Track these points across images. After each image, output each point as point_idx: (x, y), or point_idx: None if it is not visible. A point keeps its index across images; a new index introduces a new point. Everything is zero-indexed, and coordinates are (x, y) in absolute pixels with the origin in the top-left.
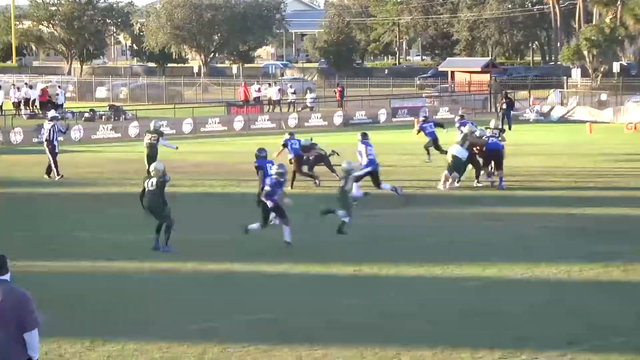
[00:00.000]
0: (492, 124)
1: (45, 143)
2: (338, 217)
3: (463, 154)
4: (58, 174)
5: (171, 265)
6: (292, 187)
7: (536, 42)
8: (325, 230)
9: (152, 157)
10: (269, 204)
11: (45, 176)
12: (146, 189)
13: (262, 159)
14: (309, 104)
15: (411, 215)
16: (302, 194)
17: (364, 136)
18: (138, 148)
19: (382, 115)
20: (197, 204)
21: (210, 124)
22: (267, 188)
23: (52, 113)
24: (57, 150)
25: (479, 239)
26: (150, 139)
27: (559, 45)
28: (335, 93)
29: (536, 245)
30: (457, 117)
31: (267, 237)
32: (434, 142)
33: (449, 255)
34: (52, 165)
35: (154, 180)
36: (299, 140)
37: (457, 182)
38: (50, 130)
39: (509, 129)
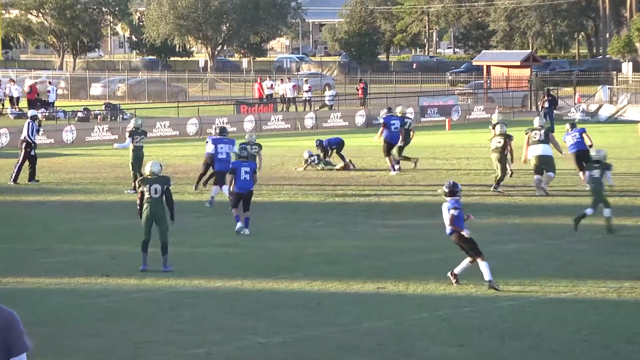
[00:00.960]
0: (536, 123)
1: (20, 142)
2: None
3: (550, 151)
4: (14, 179)
5: (174, 282)
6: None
7: (582, 33)
8: (345, 239)
9: (139, 161)
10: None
11: (29, 182)
12: (146, 196)
13: (239, 160)
14: (327, 102)
15: (433, 225)
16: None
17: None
18: None
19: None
20: (204, 212)
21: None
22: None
23: (31, 112)
24: (33, 153)
25: (517, 252)
26: (138, 141)
27: (607, 36)
28: (357, 90)
29: (582, 260)
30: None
31: (282, 250)
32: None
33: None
34: (16, 167)
35: (158, 186)
36: (400, 119)
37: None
38: (27, 127)
39: (551, 130)
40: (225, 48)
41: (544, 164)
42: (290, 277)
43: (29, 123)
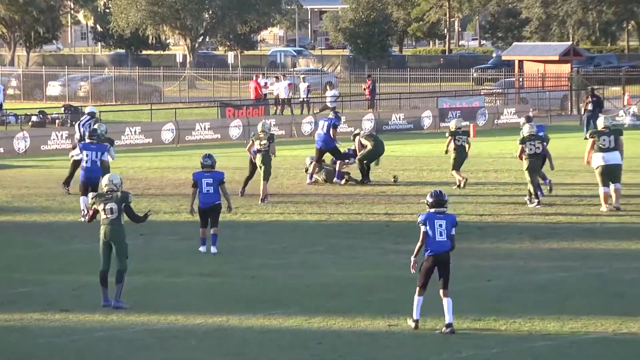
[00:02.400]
0: (601, 123)
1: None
2: None
3: (620, 159)
4: (66, 183)
5: (147, 319)
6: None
7: (632, 22)
8: (351, 268)
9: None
10: None
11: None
12: (102, 216)
13: (202, 170)
14: (329, 104)
15: (471, 250)
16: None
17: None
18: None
19: (427, 119)
20: (182, 235)
21: (199, 131)
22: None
23: (89, 109)
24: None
25: (554, 283)
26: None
27: None
28: (364, 89)
29: (632, 292)
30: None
31: (275, 281)
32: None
33: (515, 304)
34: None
35: (114, 205)
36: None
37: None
38: (81, 126)
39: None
40: (207, 40)
41: (612, 175)
42: (285, 313)
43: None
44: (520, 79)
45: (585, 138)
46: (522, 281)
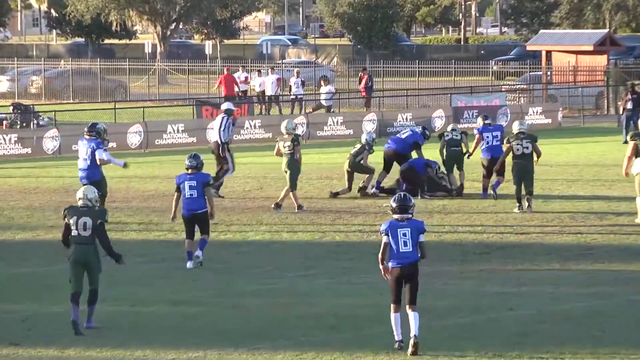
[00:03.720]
0: None
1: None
2: None
3: None
4: (217, 188)
5: (111, 354)
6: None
7: None
8: (348, 295)
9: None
10: None
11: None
12: (73, 233)
13: (186, 172)
14: (324, 102)
15: (492, 273)
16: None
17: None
18: (60, 171)
19: (439, 120)
20: (152, 256)
21: (171, 133)
22: None
23: (227, 105)
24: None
25: (589, 312)
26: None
27: None
28: (359, 83)
29: None
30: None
31: (260, 310)
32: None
33: (542, 337)
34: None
35: (88, 220)
36: (500, 129)
37: None
38: (224, 124)
39: None
40: (181, 27)
41: None
42: (272, 347)
43: (223, 118)
44: (548, 73)
45: (625, 142)
46: (550, 310)
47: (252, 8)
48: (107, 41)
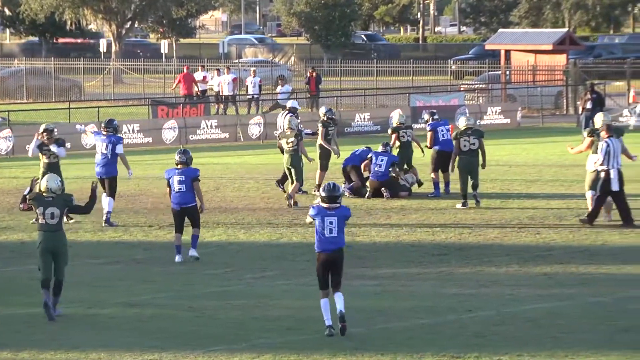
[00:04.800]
0: (599, 121)
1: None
2: None
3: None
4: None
5: (65, 356)
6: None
7: (638, 5)
8: (307, 297)
9: None
10: None
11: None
12: (40, 221)
13: (176, 166)
14: (281, 102)
15: (450, 275)
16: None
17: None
18: (13, 171)
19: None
20: (107, 258)
21: (126, 133)
22: None
23: (291, 103)
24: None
25: (548, 314)
26: (50, 157)
27: None
28: (307, 84)
29: (638, 325)
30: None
31: (217, 313)
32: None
33: (501, 338)
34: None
35: (55, 210)
36: (447, 123)
37: None
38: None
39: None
40: (137, 26)
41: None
42: (229, 349)
43: (287, 115)
44: (507, 72)
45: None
46: (509, 312)
47: (209, 7)
48: (61, 40)
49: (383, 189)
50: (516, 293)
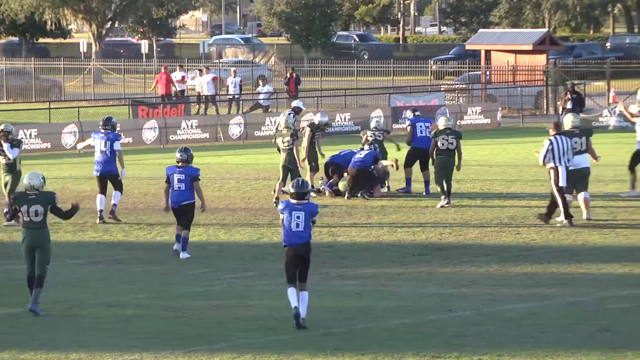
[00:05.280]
0: (568, 122)
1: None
2: None
3: (589, 163)
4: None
5: (45, 356)
6: None
7: (618, 6)
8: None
9: (14, 182)
10: None
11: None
12: (24, 219)
13: (177, 164)
14: (262, 102)
15: (430, 275)
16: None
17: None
18: None
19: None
20: (86, 258)
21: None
22: None
23: (296, 103)
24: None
25: (528, 314)
26: (5, 157)
27: None
28: (287, 84)
29: (620, 324)
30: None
31: (197, 313)
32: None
33: (481, 338)
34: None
35: (39, 207)
36: (430, 121)
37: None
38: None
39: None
40: (117, 26)
41: (582, 182)
42: (209, 350)
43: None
44: (487, 73)
45: None
46: (489, 312)
47: (189, 7)
48: (41, 40)
49: (361, 191)
50: (496, 293)
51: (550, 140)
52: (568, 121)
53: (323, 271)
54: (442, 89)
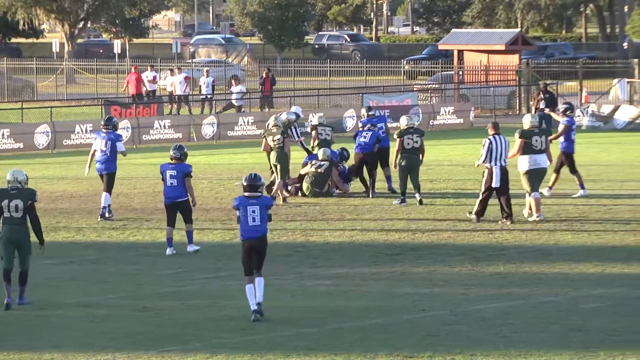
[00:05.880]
0: (527, 122)
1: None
2: None
3: (547, 163)
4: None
5: (19, 357)
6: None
7: (590, 6)
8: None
9: None
10: None
11: None
12: (5, 214)
13: (170, 162)
14: (234, 102)
15: (403, 275)
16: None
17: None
18: None
19: (350, 120)
20: (61, 258)
21: (79, 134)
22: None
23: (295, 109)
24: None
25: (501, 314)
26: None
27: (626, 10)
28: (261, 84)
29: (593, 324)
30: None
31: (171, 313)
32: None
33: (454, 338)
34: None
35: (19, 202)
36: (384, 120)
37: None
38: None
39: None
40: (89, 26)
41: (541, 180)
42: (183, 350)
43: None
44: (460, 73)
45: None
46: (462, 311)
47: (162, 7)
48: (13, 40)
49: (335, 187)
50: (469, 293)
51: (489, 139)
52: (527, 121)
53: (296, 271)
54: (414, 89)
